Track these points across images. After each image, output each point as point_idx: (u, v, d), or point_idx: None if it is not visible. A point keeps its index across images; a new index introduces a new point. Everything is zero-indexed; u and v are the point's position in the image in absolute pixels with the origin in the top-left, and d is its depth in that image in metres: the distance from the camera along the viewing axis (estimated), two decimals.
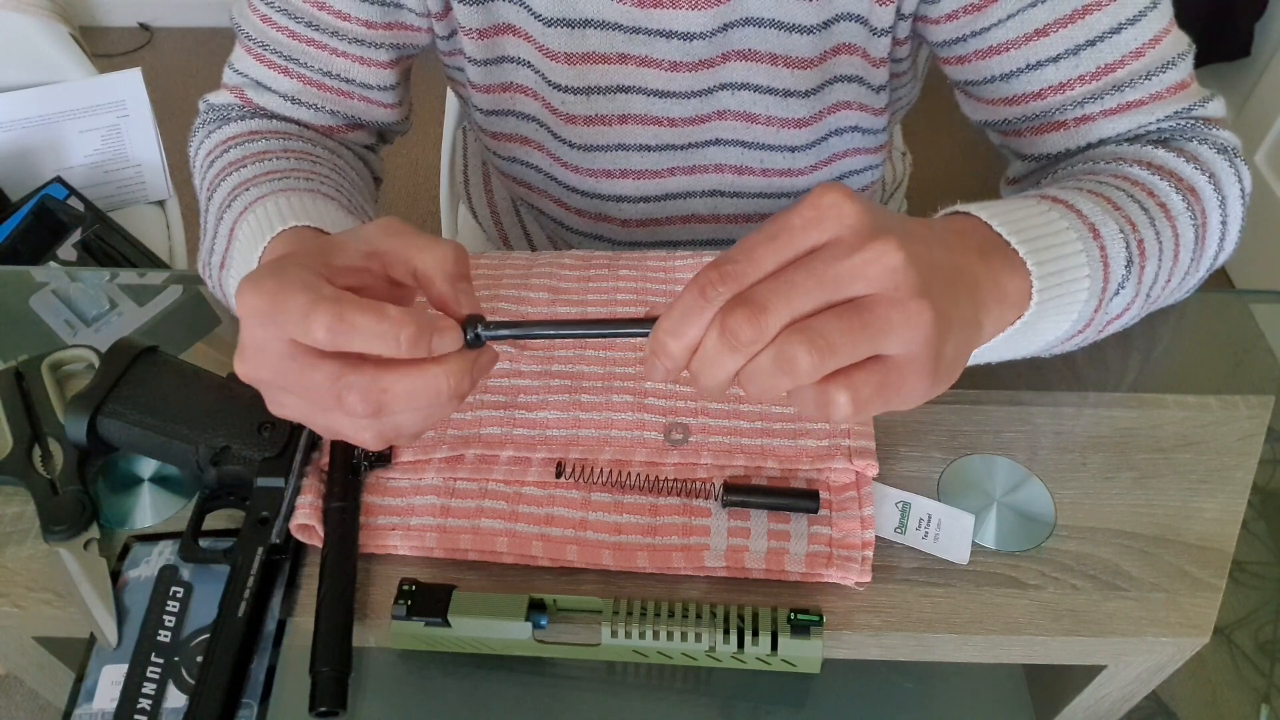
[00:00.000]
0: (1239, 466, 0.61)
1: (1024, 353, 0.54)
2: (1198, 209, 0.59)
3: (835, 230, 0.39)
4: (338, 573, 0.54)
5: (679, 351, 0.40)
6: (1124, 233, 0.53)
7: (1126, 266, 0.53)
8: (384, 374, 0.42)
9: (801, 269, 0.39)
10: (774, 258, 0.39)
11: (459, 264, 0.45)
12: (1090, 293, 0.51)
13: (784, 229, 0.39)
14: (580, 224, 0.85)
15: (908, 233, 0.40)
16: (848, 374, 0.39)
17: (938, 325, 0.39)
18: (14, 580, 0.57)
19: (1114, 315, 0.55)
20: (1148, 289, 0.56)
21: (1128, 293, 0.54)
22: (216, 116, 0.72)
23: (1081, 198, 0.54)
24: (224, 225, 0.60)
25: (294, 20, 0.68)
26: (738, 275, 0.39)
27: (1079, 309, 0.51)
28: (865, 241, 0.38)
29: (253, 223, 0.57)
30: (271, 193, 0.59)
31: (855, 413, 0.39)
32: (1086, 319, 0.53)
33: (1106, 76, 0.62)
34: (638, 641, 0.52)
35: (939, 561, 0.57)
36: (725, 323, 0.38)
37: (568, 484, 0.59)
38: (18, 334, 0.72)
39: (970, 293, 0.44)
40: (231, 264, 0.59)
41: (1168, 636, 0.54)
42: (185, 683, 0.52)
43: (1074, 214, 0.52)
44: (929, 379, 0.40)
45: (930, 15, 0.65)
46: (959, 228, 0.48)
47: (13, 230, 1.15)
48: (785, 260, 0.39)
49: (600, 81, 0.71)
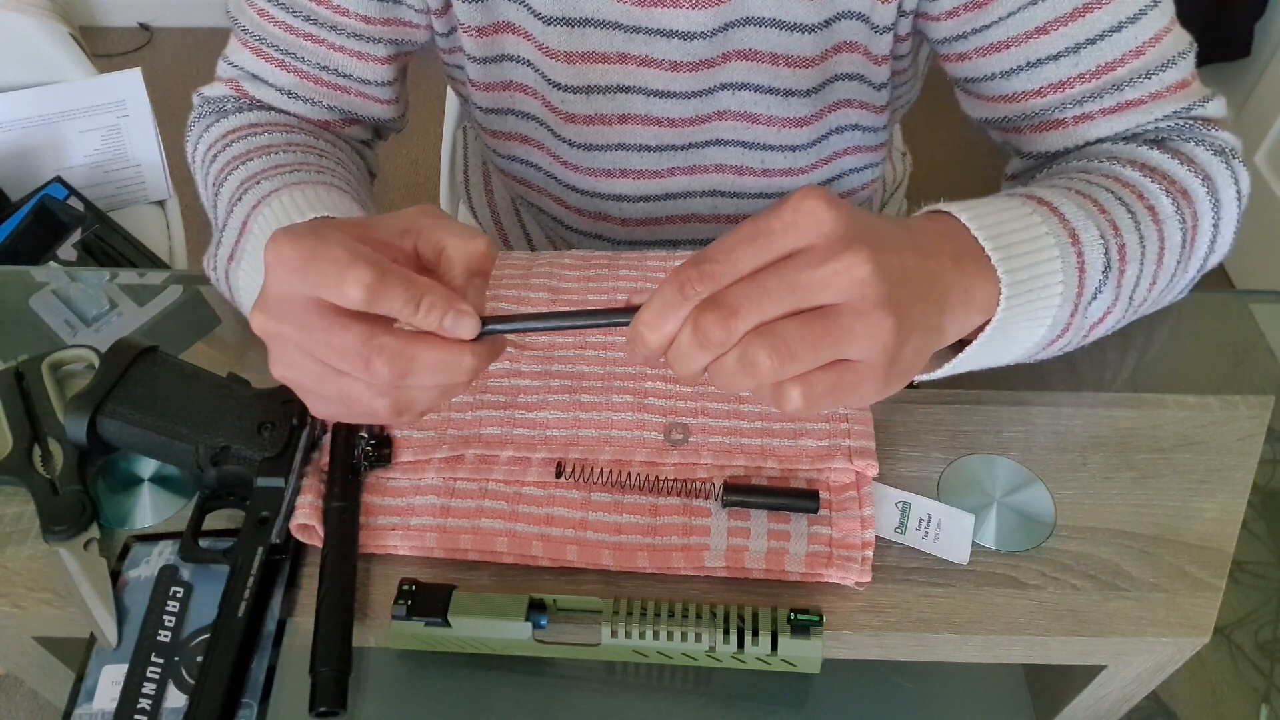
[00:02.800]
0: (1239, 466, 0.61)
1: (1003, 359, 0.54)
2: (1188, 212, 0.58)
3: (811, 237, 0.41)
4: (338, 573, 0.54)
5: (656, 343, 0.42)
6: (1104, 238, 0.53)
7: (1104, 272, 0.53)
8: (414, 342, 0.43)
9: (774, 274, 0.41)
10: (751, 260, 0.41)
11: (484, 260, 0.46)
12: (1064, 298, 0.51)
13: (763, 232, 0.41)
14: (580, 223, 0.85)
15: (881, 240, 0.41)
16: (805, 373, 0.41)
17: (898, 333, 0.41)
18: (14, 580, 0.57)
19: (1095, 320, 0.55)
20: (1129, 293, 0.56)
21: (1106, 297, 0.54)
22: (213, 109, 0.72)
23: (1067, 199, 0.54)
24: (234, 219, 0.60)
25: (292, 15, 0.67)
26: (715, 275, 0.41)
27: (1052, 314, 0.51)
28: (837, 251, 0.40)
29: (269, 216, 0.57)
30: (285, 186, 0.59)
31: (807, 408, 0.42)
32: (1063, 324, 0.52)
33: (1106, 75, 0.62)
34: (638, 641, 0.52)
35: (939, 561, 0.57)
36: (698, 322, 0.41)
37: (568, 484, 0.59)
38: (18, 334, 0.72)
39: (937, 299, 0.45)
40: (243, 257, 0.59)
41: (1168, 636, 0.54)
42: (185, 683, 0.52)
43: (1056, 218, 0.52)
44: (882, 382, 0.43)
45: (931, 12, 0.65)
46: (938, 229, 0.49)
47: (13, 230, 1.15)
48: (761, 263, 0.41)
49: (600, 81, 0.71)
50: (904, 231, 0.45)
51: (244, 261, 0.59)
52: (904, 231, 0.45)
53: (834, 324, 0.40)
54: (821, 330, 0.40)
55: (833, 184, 0.83)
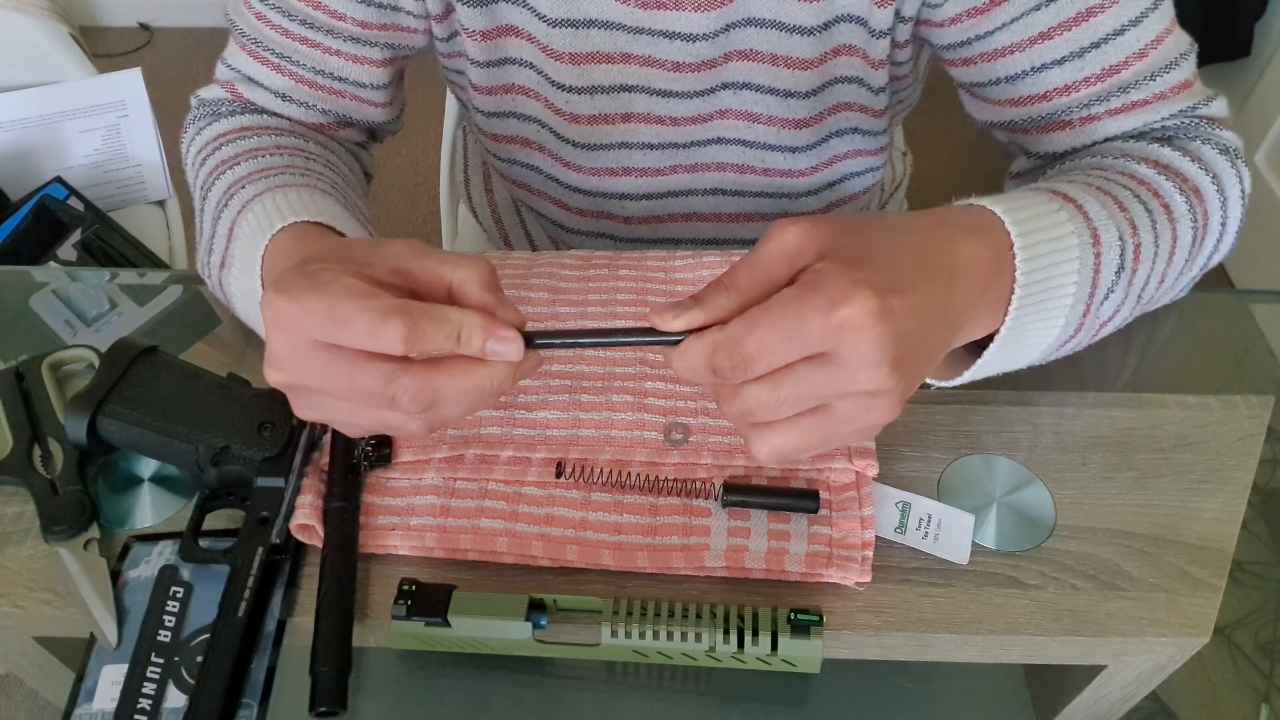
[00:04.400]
0: (1239, 466, 0.61)
1: (1021, 362, 0.54)
2: (1200, 210, 0.59)
3: (848, 353, 0.41)
4: (338, 573, 0.54)
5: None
6: (1122, 239, 0.53)
7: (1117, 273, 0.53)
8: (435, 374, 0.43)
9: (799, 383, 0.42)
10: (782, 358, 0.41)
11: (491, 275, 0.46)
12: (1076, 299, 0.51)
13: (805, 331, 0.41)
14: (580, 224, 0.85)
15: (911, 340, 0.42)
16: None
17: (894, 410, 0.43)
18: (14, 580, 0.57)
19: (1105, 318, 0.56)
20: (1138, 291, 0.56)
21: (1116, 296, 0.54)
22: (207, 112, 0.72)
23: (1091, 197, 0.53)
24: (222, 224, 0.60)
25: (288, 18, 0.67)
26: (747, 370, 0.42)
27: (1065, 314, 0.51)
28: (869, 380, 0.41)
29: (252, 221, 0.57)
30: (268, 189, 0.59)
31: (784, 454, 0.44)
32: (1076, 324, 0.53)
33: (1111, 78, 0.62)
34: (638, 641, 0.52)
35: (939, 561, 0.57)
36: (719, 401, 0.44)
37: (568, 484, 0.59)
38: (18, 334, 0.72)
39: (942, 345, 0.47)
40: (233, 263, 0.59)
41: (1168, 636, 0.54)
42: (185, 683, 0.52)
43: (1081, 216, 0.52)
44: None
45: (934, 19, 0.65)
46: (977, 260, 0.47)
47: (13, 230, 1.15)
48: (791, 361, 0.41)
49: (604, 81, 0.71)
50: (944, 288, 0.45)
51: (234, 268, 0.59)
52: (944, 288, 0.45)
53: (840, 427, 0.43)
54: (829, 435, 0.43)
55: (833, 187, 0.83)
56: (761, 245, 0.43)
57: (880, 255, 0.42)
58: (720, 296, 0.42)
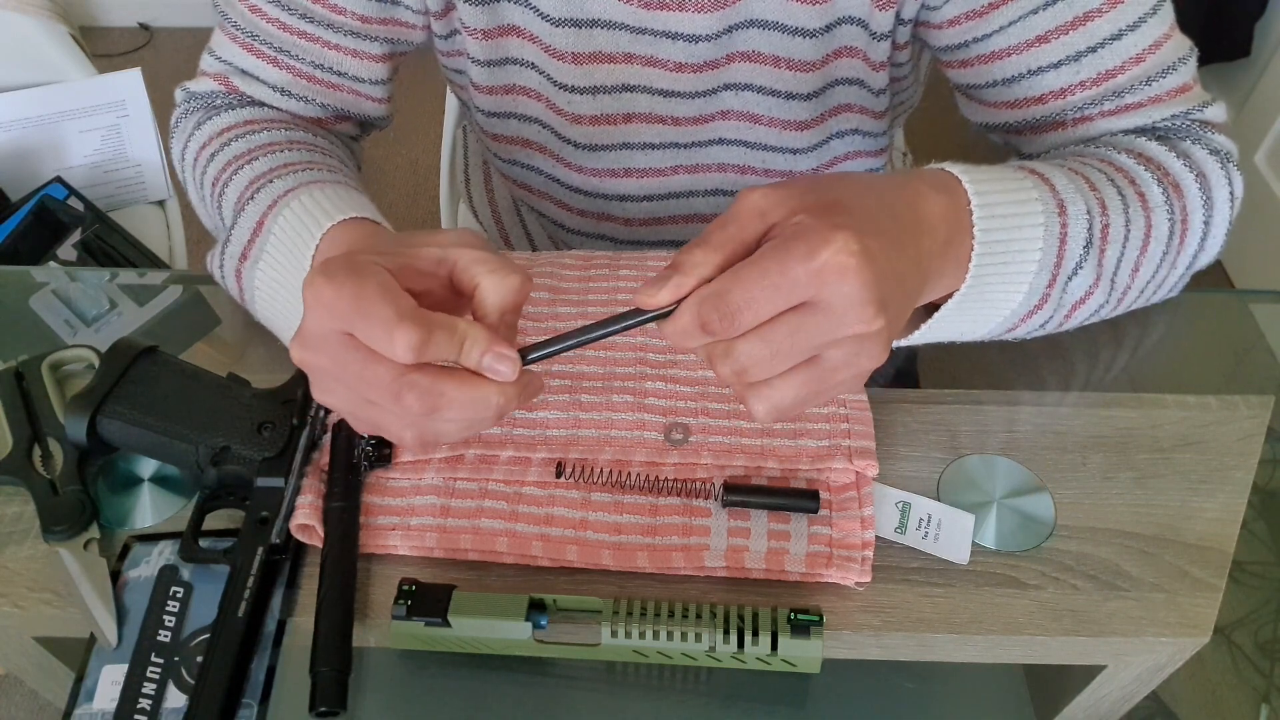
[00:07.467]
0: (1239, 466, 0.61)
1: (984, 327, 0.56)
2: (1178, 205, 0.59)
3: (833, 295, 0.41)
4: (338, 573, 0.54)
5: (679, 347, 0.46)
6: (1090, 214, 0.54)
7: (1085, 247, 0.54)
8: (444, 380, 0.44)
9: (790, 334, 0.42)
10: (770, 308, 0.42)
11: (519, 295, 0.47)
12: (1041, 265, 0.52)
13: (790, 281, 0.41)
14: (581, 224, 0.85)
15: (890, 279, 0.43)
16: None
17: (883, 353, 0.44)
18: (14, 580, 0.57)
19: (1077, 298, 0.56)
20: (1110, 274, 0.57)
21: (1087, 275, 0.55)
22: (202, 105, 0.72)
23: (1059, 173, 0.55)
24: (246, 219, 0.60)
25: (287, 12, 0.67)
26: (735, 322, 0.42)
27: (1029, 280, 0.52)
28: (856, 321, 0.42)
29: (290, 218, 0.57)
30: (301, 185, 0.59)
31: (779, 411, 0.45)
32: (1040, 293, 0.54)
33: (1107, 82, 0.62)
34: (638, 641, 0.52)
35: (939, 561, 0.57)
36: (713, 364, 0.44)
37: (568, 484, 0.59)
38: (18, 334, 0.72)
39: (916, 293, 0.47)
40: (261, 257, 0.59)
41: (1168, 636, 0.54)
42: (185, 683, 0.52)
43: (1047, 187, 0.53)
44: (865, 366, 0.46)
45: (933, 21, 0.66)
46: (931, 182, 0.49)
47: (13, 230, 1.15)
48: (779, 310, 0.42)
49: (606, 81, 0.71)
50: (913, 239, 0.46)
51: (261, 262, 0.59)
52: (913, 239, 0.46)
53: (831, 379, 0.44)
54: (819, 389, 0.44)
55: None
56: (731, 208, 0.44)
57: (853, 205, 0.44)
58: (695, 253, 0.43)
